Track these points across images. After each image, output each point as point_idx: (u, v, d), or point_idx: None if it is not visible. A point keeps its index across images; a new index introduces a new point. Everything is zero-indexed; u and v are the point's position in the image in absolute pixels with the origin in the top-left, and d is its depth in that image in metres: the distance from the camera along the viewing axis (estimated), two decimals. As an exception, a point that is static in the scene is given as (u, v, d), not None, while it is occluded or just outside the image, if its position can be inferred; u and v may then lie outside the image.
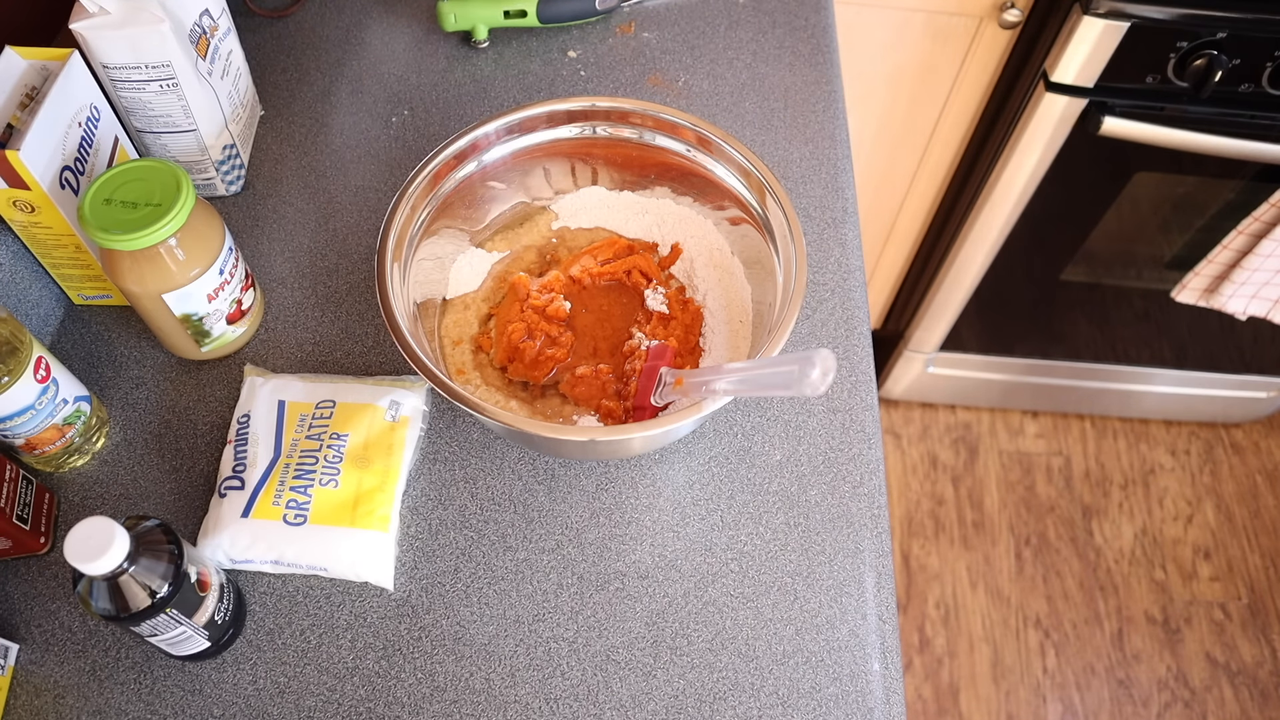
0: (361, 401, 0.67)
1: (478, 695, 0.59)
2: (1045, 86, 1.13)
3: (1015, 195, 1.27)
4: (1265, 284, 1.26)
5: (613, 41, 0.96)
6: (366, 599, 0.63)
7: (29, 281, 0.72)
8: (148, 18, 0.68)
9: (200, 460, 0.68)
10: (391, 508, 0.64)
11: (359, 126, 0.88)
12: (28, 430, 0.62)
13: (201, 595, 0.55)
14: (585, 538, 0.65)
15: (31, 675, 0.60)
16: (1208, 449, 1.83)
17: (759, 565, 0.64)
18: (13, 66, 0.66)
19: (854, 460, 0.69)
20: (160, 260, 0.63)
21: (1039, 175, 1.24)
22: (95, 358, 0.74)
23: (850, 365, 0.73)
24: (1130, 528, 1.73)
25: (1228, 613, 1.65)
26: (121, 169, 0.63)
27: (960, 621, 1.63)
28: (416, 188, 0.67)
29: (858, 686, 0.60)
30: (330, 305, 0.76)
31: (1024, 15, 1.14)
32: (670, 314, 0.70)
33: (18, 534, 0.61)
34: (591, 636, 0.62)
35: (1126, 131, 1.11)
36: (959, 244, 1.40)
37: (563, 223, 0.77)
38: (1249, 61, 1.05)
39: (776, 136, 0.88)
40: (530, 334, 0.69)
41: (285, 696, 0.59)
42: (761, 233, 0.68)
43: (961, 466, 1.80)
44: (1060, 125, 1.16)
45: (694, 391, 0.60)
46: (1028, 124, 1.18)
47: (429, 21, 0.97)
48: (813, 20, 0.97)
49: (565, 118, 0.71)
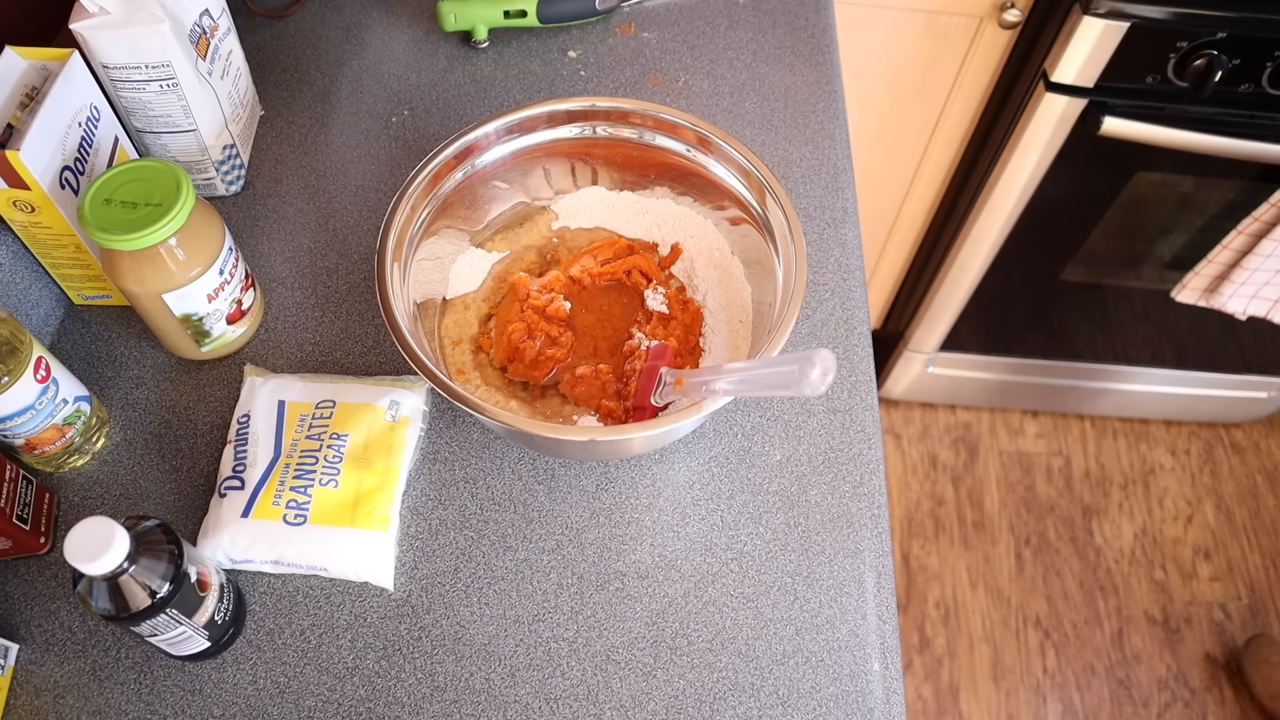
0: (361, 401, 0.67)
1: (478, 695, 0.59)
2: (1045, 86, 1.13)
3: (1015, 195, 1.27)
4: (1265, 284, 1.26)
5: (613, 41, 0.96)
6: (366, 599, 0.63)
7: (29, 281, 0.72)
8: (148, 18, 0.68)
9: (200, 460, 0.68)
10: (391, 508, 0.64)
11: (359, 126, 0.88)
12: (28, 430, 0.62)
13: (201, 595, 0.55)
14: (585, 538, 0.65)
15: (31, 675, 0.60)
16: (1208, 449, 1.83)
17: (759, 565, 0.64)
18: (13, 66, 0.66)
19: (854, 460, 0.69)
20: (160, 260, 0.63)
21: (1039, 175, 1.24)
22: (95, 358, 0.74)
23: (850, 365, 0.73)
24: (1130, 528, 1.73)
25: (1228, 613, 1.65)
26: (121, 169, 0.63)
27: (960, 621, 1.63)
28: (416, 188, 0.67)
29: (858, 686, 0.60)
30: (330, 305, 0.76)
31: (1024, 15, 1.14)
32: (670, 314, 0.70)
33: (18, 534, 0.61)
34: (591, 636, 0.62)
35: (1126, 131, 1.11)
36: (959, 244, 1.40)
37: (563, 223, 0.77)
38: (1249, 61, 1.05)
39: (776, 136, 0.88)
40: (530, 334, 0.69)
41: (285, 696, 0.59)
42: (761, 233, 0.68)
43: (961, 466, 1.80)
44: (1060, 125, 1.16)
45: (694, 391, 0.60)
46: (1028, 124, 1.18)
47: (429, 21, 0.97)
48: (813, 20, 0.97)
49: (565, 118, 0.71)
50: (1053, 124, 1.16)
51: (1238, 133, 1.11)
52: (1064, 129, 1.16)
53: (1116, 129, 1.11)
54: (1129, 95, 1.11)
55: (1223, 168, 1.19)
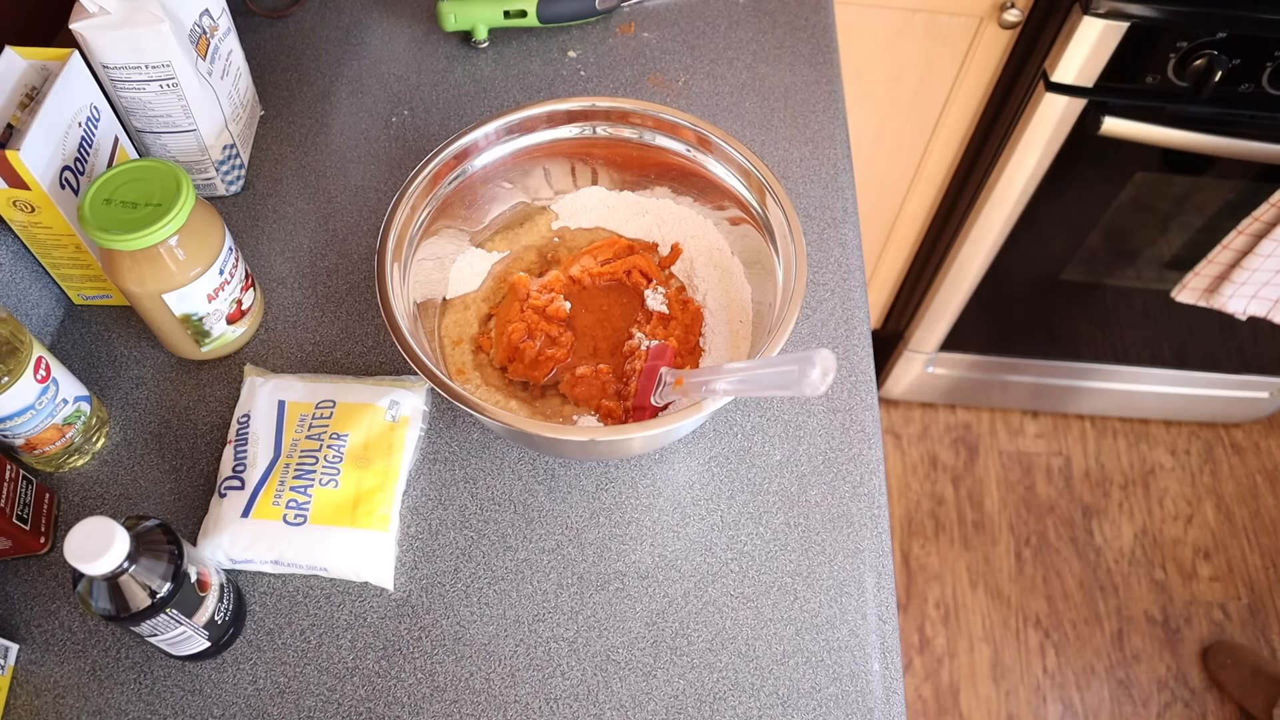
0: (361, 401, 0.67)
1: (478, 695, 0.59)
2: (1045, 86, 1.13)
3: (1015, 195, 1.27)
4: (1265, 284, 1.26)
5: (613, 41, 0.96)
6: (366, 599, 0.63)
7: (29, 281, 0.72)
8: (148, 18, 0.68)
9: (200, 460, 0.68)
10: (391, 508, 0.64)
11: (359, 126, 0.88)
12: (28, 430, 0.62)
13: (201, 595, 0.55)
14: (585, 538, 0.65)
15: (31, 675, 0.60)
16: (1208, 449, 1.83)
17: (759, 565, 0.64)
18: (13, 66, 0.66)
19: (854, 460, 0.69)
20: (160, 260, 0.63)
21: (1039, 175, 1.24)
22: (95, 358, 0.74)
23: (850, 365, 0.73)
24: (1130, 528, 1.73)
25: (1228, 613, 1.65)
26: (121, 169, 0.63)
27: (960, 621, 1.63)
28: (416, 188, 0.67)
29: (858, 686, 0.60)
30: (330, 305, 0.76)
31: (1024, 15, 1.14)
32: (670, 314, 0.70)
33: (18, 534, 0.61)
34: (591, 636, 0.62)
35: (1126, 131, 1.11)
36: (959, 244, 1.40)
37: (563, 223, 0.77)
38: (1249, 61, 1.05)
39: (776, 136, 0.88)
40: (530, 334, 0.69)
41: (285, 696, 0.59)
42: (761, 233, 0.68)
43: (961, 466, 1.80)
44: (1060, 125, 1.16)
45: (694, 391, 0.60)
46: (1028, 124, 1.18)
47: (429, 21, 0.97)
48: (813, 20, 0.97)
49: (565, 118, 0.71)
50: (1053, 124, 1.16)
51: (1238, 133, 1.11)
52: (1064, 129, 1.16)
53: (1116, 129, 1.11)
54: (1129, 95, 1.11)
55: (1223, 168, 1.19)
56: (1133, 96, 1.11)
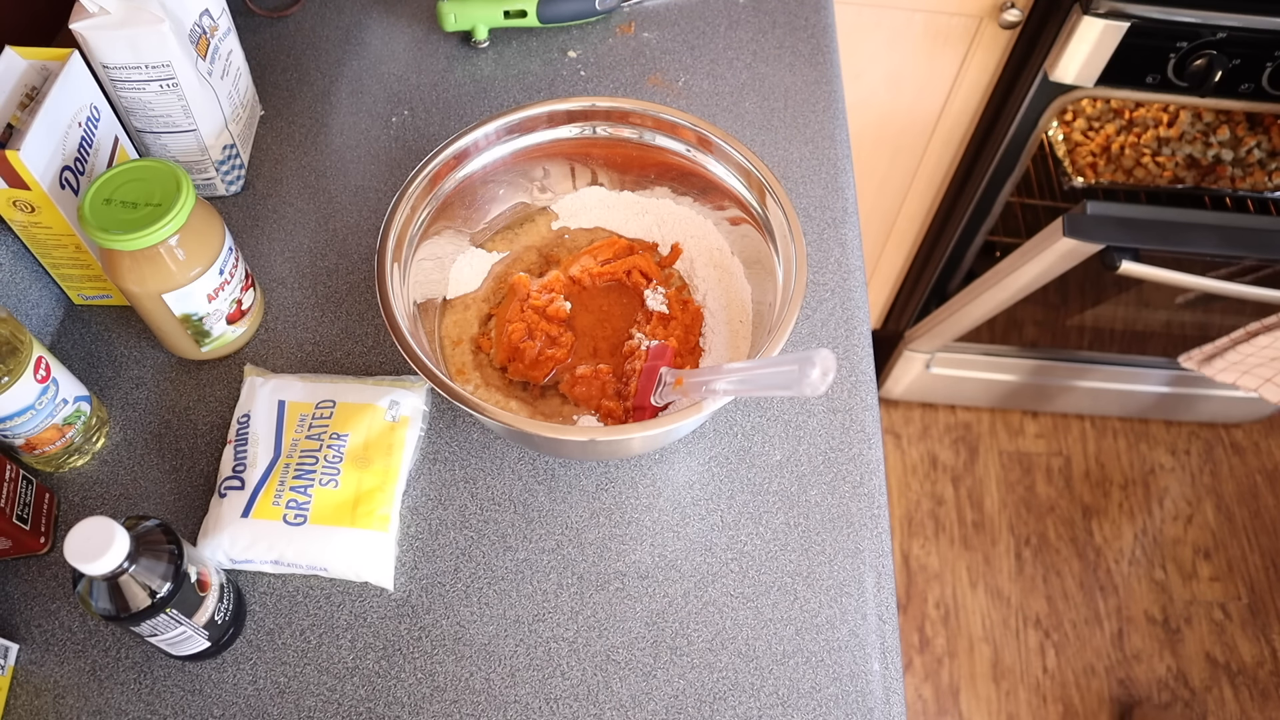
0: (361, 401, 0.67)
1: (478, 695, 0.59)
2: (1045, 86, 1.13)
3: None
4: (1258, 365, 1.28)
5: (613, 41, 0.96)
6: (366, 599, 0.63)
7: (29, 281, 0.72)
8: (148, 18, 0.68)
9: (200, 460, 0.68)
10: (391, 508, 0.64)
11: (359, 126, 0.88)
12: (28, 430, 0.62)
13: (201, 595, 0.55)
14: (585, 538, 0.65)
15: (31, 675, 0.60)
16: (1208, 449, 1.83)
17: (759, 565, 0.64)
18: (13, 66, 0.66)
19: (854, 460, 0.69)
20: (160, 260, 0.63)
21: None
22: (95, 358, 0.74)
23: (850, 365, 0.73)
24: (1130, 528, 1.73)
25: (1228, 613, 1.65)
26: (121, 169, 0.63)
27: (960, 621, 1.63)
28: (416, 188, 0.67)
29: (858, 686, 0.60)
30: (330, 305, 0.76)
31: (1024, 15, 1.14)
32: (670, 314, 0.70)
33: (18, 534, 0.61)
34: (591, 636, 0.62)
35: (1141, 273, 1.12)
36: (959, 244, 1.40)
37: (563, 223, 0.77)
38: (1249, 61, 1.05)
39: (776, 136, 0.87)
40: (530, 334, 0.69)
41: (285, 696, 0.59)
42: (761, 233, 0.68)
43: (961, 466, 1.80)
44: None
45: (694, 391, 0.60)
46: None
47: (429, 21, 0.97)
48: (813, 20, 0.97)
49: (565, 118, 0.71)
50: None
51: (1236, 277, 1.12)
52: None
53: (1133, 270, 1.11)
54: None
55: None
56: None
